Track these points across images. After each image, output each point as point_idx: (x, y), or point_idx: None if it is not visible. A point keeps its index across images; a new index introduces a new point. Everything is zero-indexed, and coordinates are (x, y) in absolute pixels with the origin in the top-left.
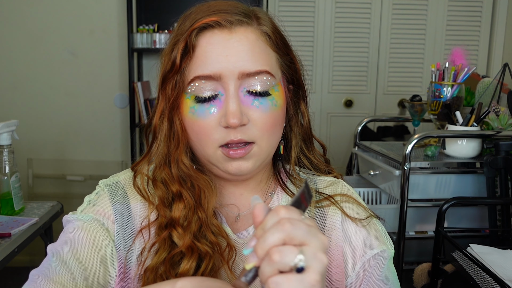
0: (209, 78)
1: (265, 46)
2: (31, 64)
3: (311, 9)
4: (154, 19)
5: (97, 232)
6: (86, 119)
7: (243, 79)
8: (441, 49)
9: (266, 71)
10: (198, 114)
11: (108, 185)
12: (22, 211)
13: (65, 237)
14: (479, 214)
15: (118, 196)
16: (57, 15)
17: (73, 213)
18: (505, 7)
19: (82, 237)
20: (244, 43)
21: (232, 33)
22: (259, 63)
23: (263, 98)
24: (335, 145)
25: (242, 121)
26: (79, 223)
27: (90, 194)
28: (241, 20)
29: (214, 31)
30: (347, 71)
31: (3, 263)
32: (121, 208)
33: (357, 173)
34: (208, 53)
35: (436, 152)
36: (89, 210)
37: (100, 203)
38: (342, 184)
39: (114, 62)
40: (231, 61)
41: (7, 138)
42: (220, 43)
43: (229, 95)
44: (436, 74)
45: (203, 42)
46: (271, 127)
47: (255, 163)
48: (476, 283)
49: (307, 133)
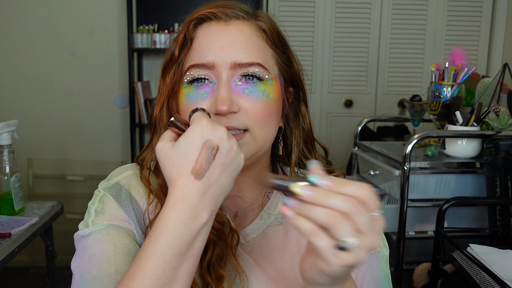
0: (203, 66)
1: (260, 41)
2: (31, 64)
3: (311, 9)
4: (154, 19)
5: (117, 237)
6: (86, 119)
7: (235, 70)
8: (441, 49)
9: (258, 64)
10: (191, 100)
11: (108, 188)
12: (22, 211)
13: (87, 254)
14: (479, 214)
15: (124, 198)
16: (57, 15)
17: (83, 225)
18: (505, 7)
19: (104, 248)
20: (239, 35)
21: (227, 25)
22: (252, 55)
23: (254, 87)
24: (335, 145)
25: (232, 108)
26: (96, 236)
27: (92, 202)
28: (238, 14)
29: (211, 23)
30: (347, 71)
31: (3, 263)
32: (131, 208)
33: (357, 173)
34: (204, 44)
35: (436, 152)
36: (101, 219)
37: (109, 209)
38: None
39: (114, 62)
40: (225, 52)
41: (7, 138)
42: (215, 34)
43: (221, 83)
44: (436, 74)
45: (201, 33)
46: (264, 117)
47: (247, 151)
48: (476, 283)
49: (309, 135)
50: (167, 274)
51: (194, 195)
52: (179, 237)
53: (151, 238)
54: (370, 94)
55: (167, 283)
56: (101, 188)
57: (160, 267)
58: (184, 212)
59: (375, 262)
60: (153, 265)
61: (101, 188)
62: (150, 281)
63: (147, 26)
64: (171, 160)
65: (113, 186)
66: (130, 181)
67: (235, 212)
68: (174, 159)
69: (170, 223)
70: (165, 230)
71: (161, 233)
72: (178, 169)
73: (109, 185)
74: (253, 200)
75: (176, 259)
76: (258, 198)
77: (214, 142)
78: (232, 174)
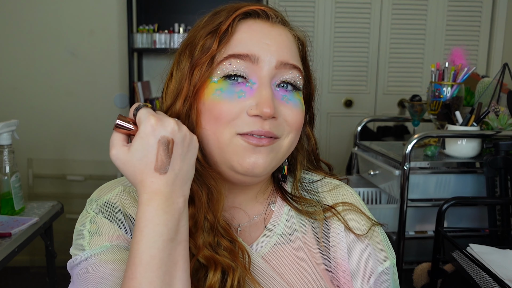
0: (246, 58)
1: (297, 51)
2: (31, 64)
3: (311, 9)
4: (154, 19)
5: (126, 257)
6: (86, 119)
7: (278, 70)
8: (441, 49)
9: (299, 69)
10: (225, 96)
11: (99, 209)
12: (22, 211)
13: (92, 280)
14: (478, 214)
15: (120, 217)
16: (57, 15)
17: (77, 250)
18: (505, 7)
19: (115, 269)
20: (284, 38)
21: (273, 26)
22: (295, 59)
23: (292, 95)
24: (335, 145)
25: (275, 113)
26: (99, 258)
27: (81, 224)
28: (284, 19)
29: (257, 20)
30: (347, 71)
31: (3, 263)
32: (130, 227)
33: (357, 173)
34: (248, 37)
35: (436, 152)
36: (99, 240)
37: (106, 230)
38: (345, 189)
39: (114, 62)
40: (271, 50)
41: (7, 138)
42: (261, 31)
43: (263, 84)
44: (436, 74)
45: (243, 27)
46: (299, 126)
47: (272, 160)
48: (476, 283)
49: (314, 156)
50: (165, 261)
51: (164, 187)
52: (164, 224)
53: (137, 235)
54: (370, 94)
55: (168, 271)
56: (91, 209)
57: (156, 257)
58: (161, 202)
59: (387, 277)
60: (149, 257)
61: (90, 209)
62: (151, 272)
63: (147, 26)
64: (132, 165)
65: (104, 205)
66: (122, 198)
67: (237, 226)
68: (134, 163)
69: (152, 215)
70: (149, 222)
71: (146, 226)
72: (141, 171)
73: (99, 205)
74: (255, 213)
75: (169, 245)
76: (261, 211)
77: (169, 137)
78: (192, 158)
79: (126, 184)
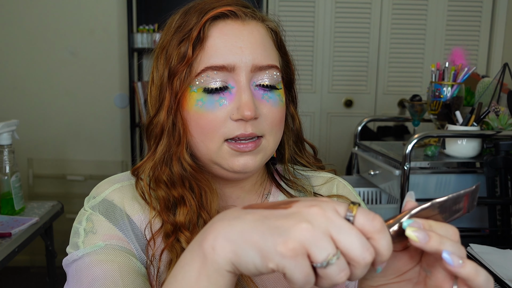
0: (222, 69)
1: (271, 42)
2: (31, 64)
3: (311, 9)
4: (154, 19)
5: (119, 257)
6: (86, 119)
7: (254, 72)
8: (441, 49)
9: (275, 66)
10: (207, 107)
11: (96, 206)
12: (23, 211)
13: (85, 280)
14: (479, 214)
15: (118, 215)
16: (57, 15)
17: (72, 248)
18: (505, 7)
19: (107, 270)
20: (256, 35)
21: (244, 25)
22: (269, 57)
23: (272, 93)
24: (335, 145)
25: (256, 114)
26: (93, 258)
27: (78, 221)
28: (255, 14)
29: (227, 21)
30: (347, 71)
31: (3, 263)
32: (126, 225)
33: (357, 173)
34: (221, 44)
35: (436, 152)
36: (93, 239)
37: (101, 228)
38: (338, 181)
39: (114, 62)
40: (245, 53)
41: (7, 138)
42: (233, 34)
43: (242, 87)
44: (436, 74)
45: (215, 32)
46: (279, 122)
47: (261, 159)
48: None
49: (298, 135)
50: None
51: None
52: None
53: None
54: (370, 94)
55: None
56: (88, 206)
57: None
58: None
59: None
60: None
61: (87, 206)
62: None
63: (147, 26)
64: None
65: (101, 203)
66: (119, 195)
67: None
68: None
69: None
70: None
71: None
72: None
73: (96, 202)
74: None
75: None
76: (257, 201)
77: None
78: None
79: (124, 180)
